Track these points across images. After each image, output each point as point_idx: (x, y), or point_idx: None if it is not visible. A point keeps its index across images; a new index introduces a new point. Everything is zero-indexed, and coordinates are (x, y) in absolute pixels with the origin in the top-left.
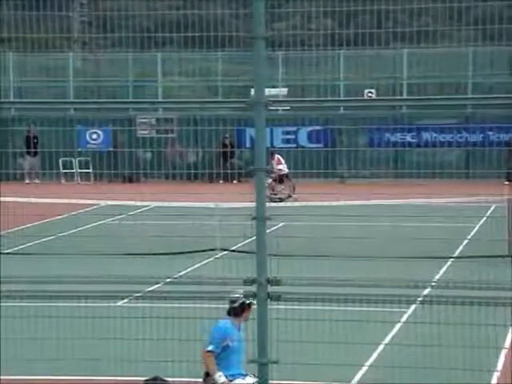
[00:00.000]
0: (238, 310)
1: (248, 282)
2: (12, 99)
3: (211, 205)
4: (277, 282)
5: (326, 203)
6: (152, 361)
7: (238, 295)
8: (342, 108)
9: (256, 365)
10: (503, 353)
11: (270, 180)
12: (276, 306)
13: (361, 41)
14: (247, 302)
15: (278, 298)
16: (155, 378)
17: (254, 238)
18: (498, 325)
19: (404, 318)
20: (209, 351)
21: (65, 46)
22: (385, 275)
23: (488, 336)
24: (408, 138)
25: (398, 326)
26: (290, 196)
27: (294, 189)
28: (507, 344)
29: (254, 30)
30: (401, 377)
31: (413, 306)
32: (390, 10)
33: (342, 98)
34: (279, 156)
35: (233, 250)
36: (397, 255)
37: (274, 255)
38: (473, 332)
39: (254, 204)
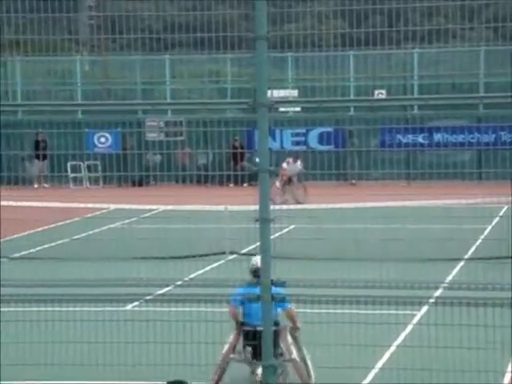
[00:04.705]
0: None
1: (252, 283)
2: (19, 102)
3: (221, 208)
4: (281, 284)
5: (336, 205)
6: (163, 365)
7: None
8: (352, 109)
9: None
10: None
11: (277, 183)
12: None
13: (372, 41)
14: None
15: (282, 299)
16: (178, 382)
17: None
18: (508, 326)
19: (416, 320)
20: None
21: (73, 49)
22: (396, 277)
23: (499, 337)
24: (419, 139)
25: (409, 328)
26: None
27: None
28: None
29: (256, 30)
30: (412, 379)
31: (424, 308)
32: (402, 10)
33: (347, 98)
34: (291, 158)
35: (242, 254)
36: (408, 257)
37: (281, 257)
38: (482, 333)
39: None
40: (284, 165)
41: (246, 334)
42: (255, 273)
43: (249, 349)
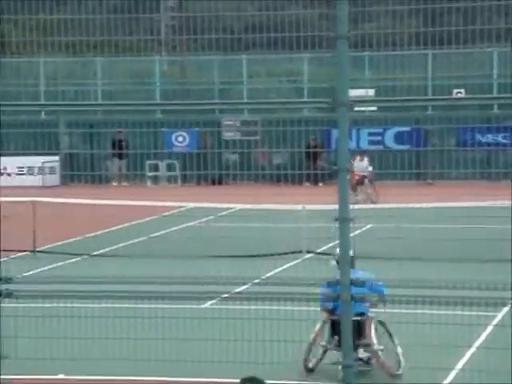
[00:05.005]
0: None
1: (332, 283)
2: (100, 102)
3: (298, 207)
4: (361, 284)
5: (414, 205)
6: (241, 362)
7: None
8: (430, 108)
9: None
10: None
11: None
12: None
13: (450, 40)
14: None
15: (362, 299)
16: (252, 379)
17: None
18: None
19: (496, 321)
20: None
21: (153, 49)
22: (476, 277)
23: None
24: (499, 139)
25: (489, 329)
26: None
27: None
28: None
29: (337, 30)
30: (493, 380)
31: (505, 309)
32: (479, 8)
33: (426, 98)
34: (358, 156)
35: (318, 253)
36: (488, 257)
37: (359, 257)
38: None
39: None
40: (350, 161)
41: (334, 323)
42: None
43: (336, 337)
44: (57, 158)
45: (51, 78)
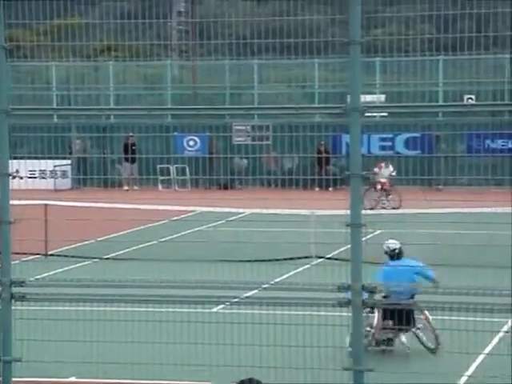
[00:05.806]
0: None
1: (342, 288)
2: (111, 107)
3: (307, 212)
4: (372, 290)
5: (423, 210)
6: (251, 366)
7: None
8: (440, 114)
9: None
10: None
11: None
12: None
13: (462, 46)
14: None
15: (372, 305)
16: (250, 380)
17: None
18: None
19: (505, 328)
20: None
21: (162, 54)
22: (483, 283)
23: None
24: (510, 145)
25: (498, 336)
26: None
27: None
28: None
29: (350, 35)
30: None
31: None
32: (491, 14)
33: (438, 104)
34: (383, 163)
35: (328, 258)
36: (496, 264)
37: (369, 262)
38: None
39: (349, 211)
40: (376, 169)
41: (386, 308)
42: (392, 252)
43: (389, 322)
44: (68, 161)
45: (63, 82)
